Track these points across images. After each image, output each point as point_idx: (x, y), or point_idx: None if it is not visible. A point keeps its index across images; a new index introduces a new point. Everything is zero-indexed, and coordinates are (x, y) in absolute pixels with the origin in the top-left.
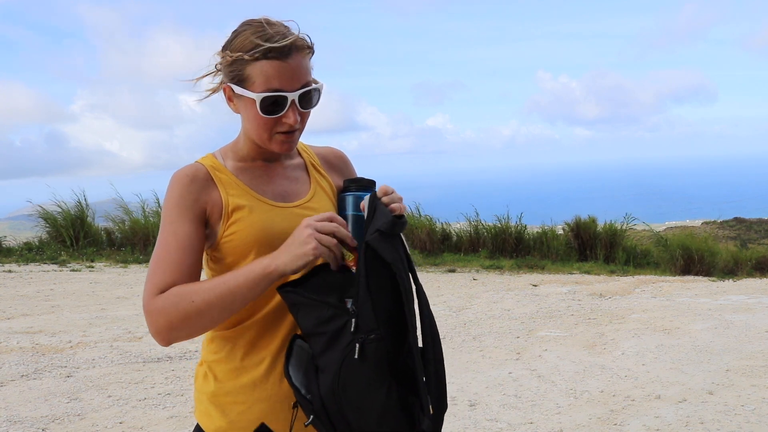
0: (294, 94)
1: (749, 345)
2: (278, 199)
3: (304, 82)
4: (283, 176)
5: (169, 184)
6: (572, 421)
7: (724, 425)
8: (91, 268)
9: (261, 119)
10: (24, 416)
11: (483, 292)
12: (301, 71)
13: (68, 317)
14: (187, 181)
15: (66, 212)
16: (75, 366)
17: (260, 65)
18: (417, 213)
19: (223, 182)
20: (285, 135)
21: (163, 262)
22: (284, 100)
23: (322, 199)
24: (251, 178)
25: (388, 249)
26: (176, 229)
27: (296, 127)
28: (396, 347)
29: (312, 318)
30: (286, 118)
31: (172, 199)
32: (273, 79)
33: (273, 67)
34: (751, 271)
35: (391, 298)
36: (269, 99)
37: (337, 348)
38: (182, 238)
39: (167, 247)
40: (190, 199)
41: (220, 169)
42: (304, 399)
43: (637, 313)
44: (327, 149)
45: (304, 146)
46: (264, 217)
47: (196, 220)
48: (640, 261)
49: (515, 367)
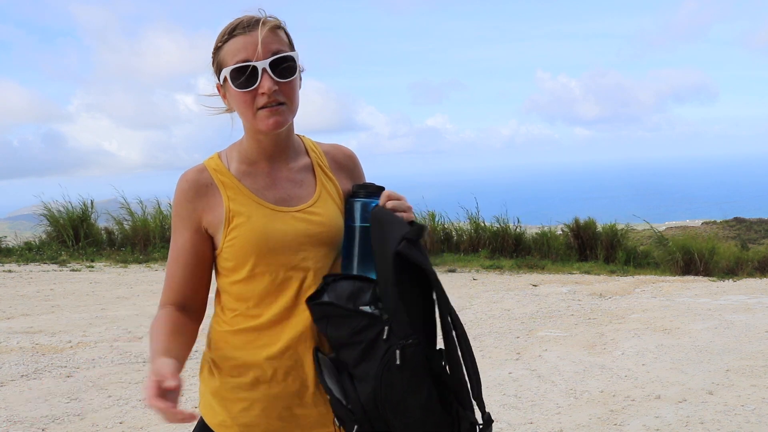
0: (263, 62)
1: (749, 345)
2: (280, 204)
3: (274, 50)
4: (288, 179)
5: (176, 185)
6: (572, 421)
7: (724, 425)
8: (91, 268)
9: (239, 96)
10: (24, 416)
11: (483, 292)
12: (268, 41)
13: (68, 317)
14: (187, 187)
15: (69, 212)
16: (75, 366)
17: (229, 45)
18: (416, 212)
19: (225, 186)
20: (268, 110)
21: (170, 270)
22: (254, 70)
23: (326, 203)
24: (254, 181)
25: (420, 255)
26: (175, 240)
27: (278, 98)
28: (430, 350)
29: (345, 328)
30: (260, 88)
31: (174, 206)
32: (239, 52)
33: (238, 41)
34: (752, 271)
35: (421, 302)
36: (237, 70)
37: (375, 356)
38: (177, 251)
39: (172, 256)
40: (188, 208)
41: (223, 173)
42: (346, 409)
43: (637, 313)
44: (336, 148)
45: (313, 144)
46: (263, 222)
47: (193, 229)
48: (640, 261)
49: (515, 367)
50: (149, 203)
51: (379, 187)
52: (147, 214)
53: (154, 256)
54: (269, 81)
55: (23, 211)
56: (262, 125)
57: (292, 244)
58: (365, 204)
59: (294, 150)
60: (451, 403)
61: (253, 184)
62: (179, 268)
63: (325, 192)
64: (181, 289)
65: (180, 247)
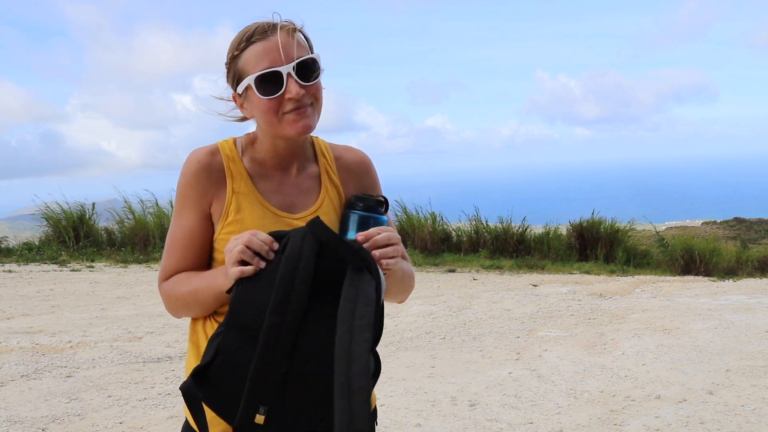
0: (287, 67)
1: (749, 345)
2: (283, 209)
3: (297, 55)
4: (295, 186)
5: (185, 162)
6: (572, 421)
7: (724, 425)
8: (91, 268)
9: (264, 104)
10: (24, 416)
11: (483, 292)
12: (289, 45)
13: (68, 317)
14: (199, 169)
15: (68, 212)
16: (75, 366)
17: (247, 53)
18: (416, 213)
19: (234, 176)
20: (295, 113)
21: (171, 249)
22: (279, 75)
23: (328, 213)
24: (263, 182)
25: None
26: (183, 221)
27: (304, 101)
28: None
29: None
30: (288, 93)
31: (182, 186)
32: (262, 59)
33: (258, 48)
34: (752, 271)
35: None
36: (263, 77)
37: None
38: (187, 231)
39: (174, 236)
40: (198, 190)
41: (236, 162)
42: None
43: (637, 313)
44: (349, 152)
45: (325, 148)
46: (262, 223)
47: (200, 212)
48: (640, 261)
49: (515, 367)
50: (149, 203)
51: (378, 200)
52: (147, 214)
53: (154, 256)
54: (296, 86)
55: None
56: (291, 129)
57: None
58: (362, 218)
59: (305, 156)
60: None
61: (261, 185)
62: (188, 247)
63: (327, 200)
64: (191, 263)
65: (189, 228)
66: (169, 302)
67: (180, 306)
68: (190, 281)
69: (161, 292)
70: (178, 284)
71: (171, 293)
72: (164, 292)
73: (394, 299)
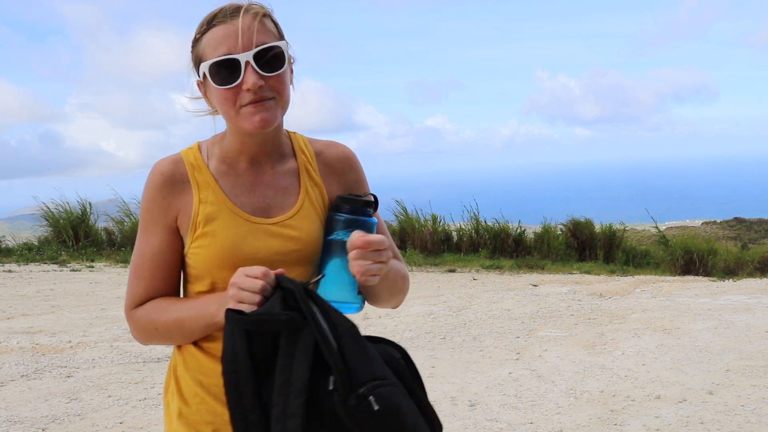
0: (246, 54)
1: (749, 345)
2: (258, 214)
3: (259, 42)
4: (270, 185)
5: (148, 175)
6: (572, 421)
7: (724, 425)
8: (91, 268)
9: (221, 93)
10: (24, 416)
11: (483, 292)
12: (252, 31)
13: (68, 317)
14: (161, 182)
15: (68, 212)
16: (75, 366)
17: (207, 36)
18: (416, 213)
19: (199, 185)
20: (253, 106)
21: (138, 271)
22: (237, 63)
23: (308, 216)
24: (232, 184)
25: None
26: (149, 239)
27: (264, 94)
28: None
29: None
30: (244, 84)
31: (146, 201)
32: (221, 44)
33: (219, 32)
34: (752, 271)
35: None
36: (218, 65)
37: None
38: (154, 250)
39: (142, 257)
40: (162, 205)
41: (201, 169)
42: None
43: (637, 313)
44: (331, 147)
45: (305, 144)
46: (233, 235)
47: (167, 228)
48: (639, 261)
49: (515, 367)
50: None
51: (367, 201)
52: None
53: None
54: (254, 75)
55: (23, 212)
56: (248, 123)
57: (264, 263)
58: (348, 221)
59: (281, 151)
60: None
61: (230, 188)
62: (157, 268)
63: (308, 201)
64: (162, 286)
65: (155, 247)
66: (145, 331)
67: (158, 335)
68: (171, 309)
69: (131, 321)
70: (156, 312)
71: (147, 322)
72: (136, 321)
73: (387, 303)
